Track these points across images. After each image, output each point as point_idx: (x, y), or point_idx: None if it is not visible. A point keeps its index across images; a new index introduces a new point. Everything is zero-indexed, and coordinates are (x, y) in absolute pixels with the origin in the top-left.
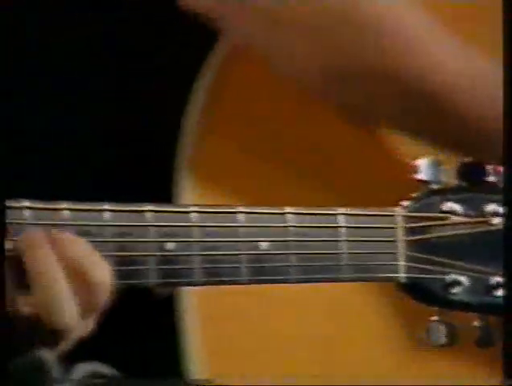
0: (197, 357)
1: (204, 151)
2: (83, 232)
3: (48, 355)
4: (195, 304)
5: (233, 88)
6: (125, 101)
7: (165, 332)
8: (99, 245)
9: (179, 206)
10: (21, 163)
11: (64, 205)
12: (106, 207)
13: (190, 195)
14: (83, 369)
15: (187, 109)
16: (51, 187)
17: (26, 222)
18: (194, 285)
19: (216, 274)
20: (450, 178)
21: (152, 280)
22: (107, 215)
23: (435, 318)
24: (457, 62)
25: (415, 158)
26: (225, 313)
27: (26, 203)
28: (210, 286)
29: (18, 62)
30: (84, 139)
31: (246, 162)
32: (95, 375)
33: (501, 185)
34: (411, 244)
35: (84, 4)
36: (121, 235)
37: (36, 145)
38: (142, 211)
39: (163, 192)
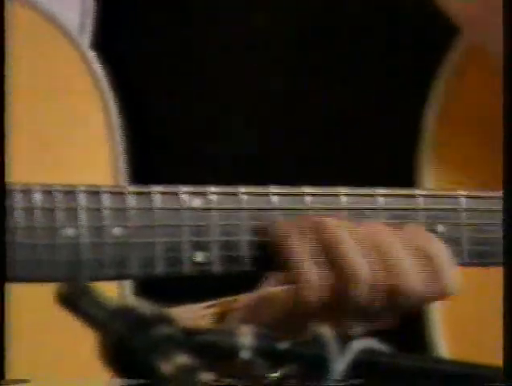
0: (441, 335)
1: (443, 142)
2: (359, 215)
3: (327, 331)
4: None
5: (470, 84)
6: (371, 92)
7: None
8: None
9: (447, 190)
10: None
11: (343, 190)
12: (380, 191)
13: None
14: (359, 345)
15: (428, 101)
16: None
17: (307, 207)
18: (461, 266)
19: (483, 256)
20: None
21: None
22: (381, 199)
23: None
24: None
25: None
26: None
27: (307, 190)
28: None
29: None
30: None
31: (479, 153)
32: (370, 352)
33: None
34: None
35: None
36: (395, 218)
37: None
38: (414, 195)
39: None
